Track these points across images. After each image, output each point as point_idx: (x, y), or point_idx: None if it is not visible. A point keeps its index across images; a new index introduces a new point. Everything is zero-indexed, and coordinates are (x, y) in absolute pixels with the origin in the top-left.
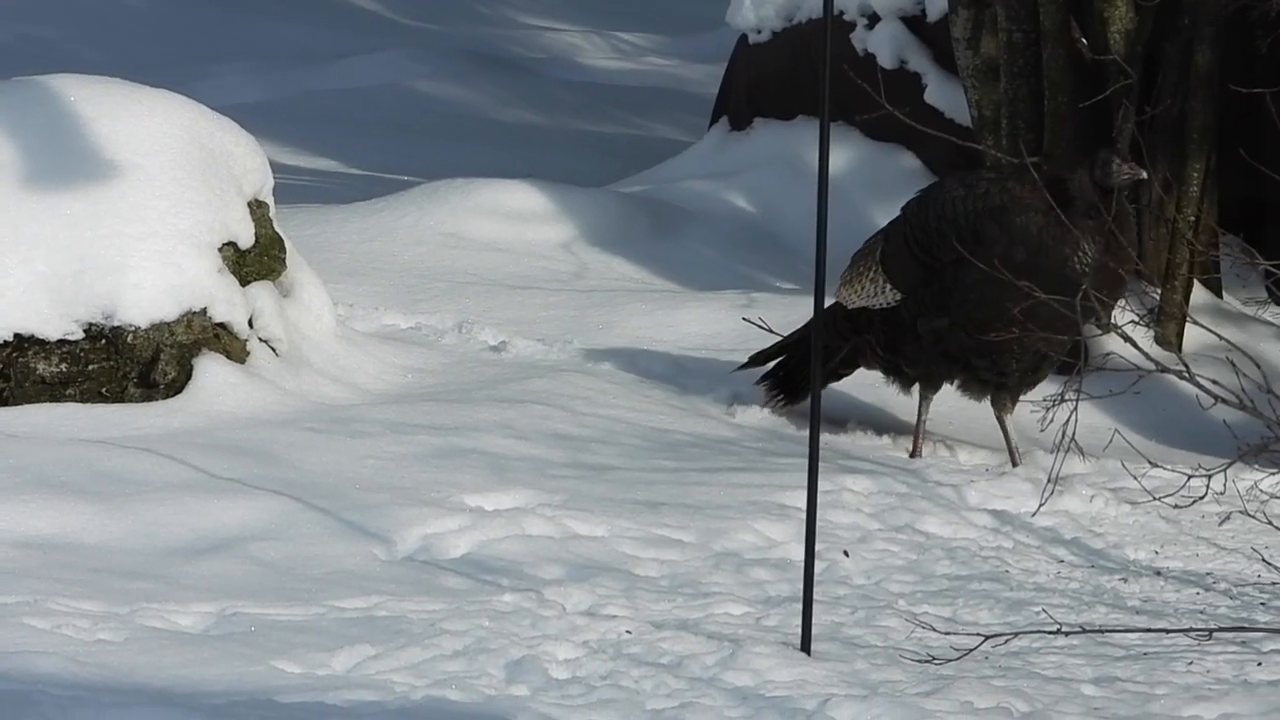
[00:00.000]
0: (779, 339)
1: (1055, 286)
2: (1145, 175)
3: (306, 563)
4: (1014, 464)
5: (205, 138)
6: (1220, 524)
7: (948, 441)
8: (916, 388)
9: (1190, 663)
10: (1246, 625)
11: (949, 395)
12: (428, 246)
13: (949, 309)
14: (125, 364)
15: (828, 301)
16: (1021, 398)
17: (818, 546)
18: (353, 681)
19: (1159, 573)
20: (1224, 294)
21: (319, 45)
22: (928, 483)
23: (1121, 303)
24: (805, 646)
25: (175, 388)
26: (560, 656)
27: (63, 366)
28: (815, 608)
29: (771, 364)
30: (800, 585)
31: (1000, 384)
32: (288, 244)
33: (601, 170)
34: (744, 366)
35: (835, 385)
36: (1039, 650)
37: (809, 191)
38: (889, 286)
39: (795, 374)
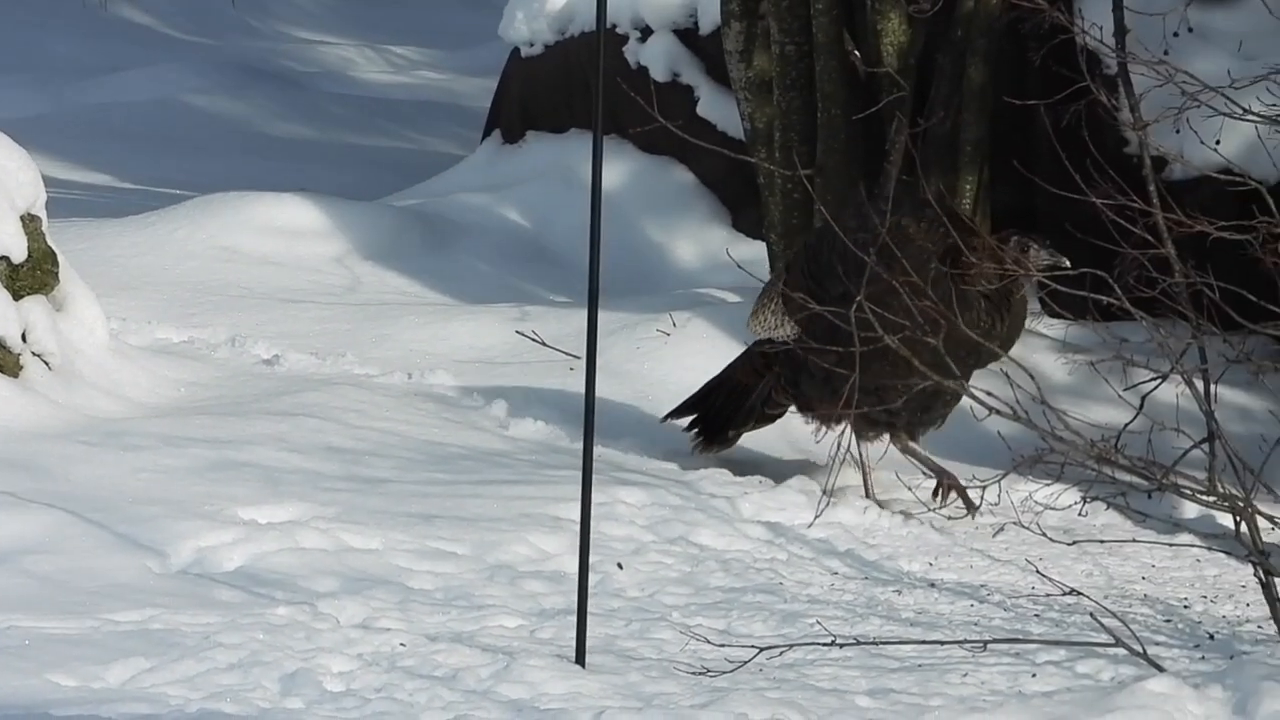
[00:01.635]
0: (702, 386)
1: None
2: (1068, 265)
3: (80, 576)
4: (936, 494)
5: None
6: (994, 535)
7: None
8: (836, 426)
9: (965, 674)
10: (1020, 637)
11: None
12: (200, 260)
13: (837, 345)
14: None
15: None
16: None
17: (591, 559)
18: (127, 694)
19: (933, 584)
20: None
21: (91, 58)
22: (701, 495)
23: None
24: (580, 659)
25: None
26: (335, 669)
27: None
28: (589, 620)
29: (697, 412)
30: (574, 597)
31: (890, 424)
32: (61, 258)
33: (374, 184)
34: (671, 415)
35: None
36: (814, 662)
37: (582, 204)
38: (788, 320)
39: (718, 418)
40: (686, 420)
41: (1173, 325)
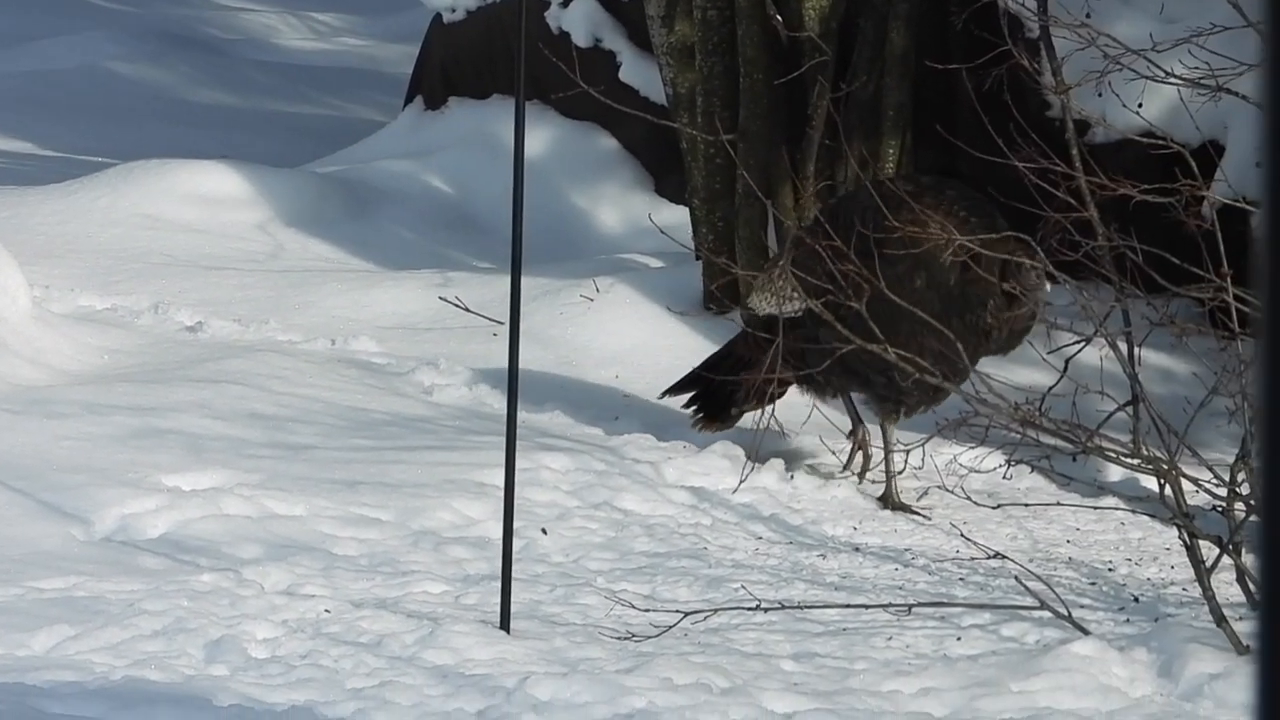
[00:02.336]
0: (700, 363)
1: (949, 320)
2: (1046, 290)
3: (4, 544)
4: (887, 473)
5: None
6: (919, 499)
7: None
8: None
9: (890, 638)
10: (945, 600)
11: (652, 372)
12: (123, 228)
13: (847, 320)
14: None
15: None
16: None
17: (516, 524)
18: (52, 662)
19: (858, 549)
20: None
21: (11, 27)
22: (626, 460)
23: None
24: (504, 624)
25: None
26: (259, 636)
27: None
28: (514, 586)
29: (697, 389)
30: (499, 563)
31: (899, 401)
32: None
33: (296, 151)
34: (669, 392)
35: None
36: (738, 626)
37: (505, 171)
38: (797, 293)
39: (720, 393)
40: (684, 398)
41: (1096, 288)
